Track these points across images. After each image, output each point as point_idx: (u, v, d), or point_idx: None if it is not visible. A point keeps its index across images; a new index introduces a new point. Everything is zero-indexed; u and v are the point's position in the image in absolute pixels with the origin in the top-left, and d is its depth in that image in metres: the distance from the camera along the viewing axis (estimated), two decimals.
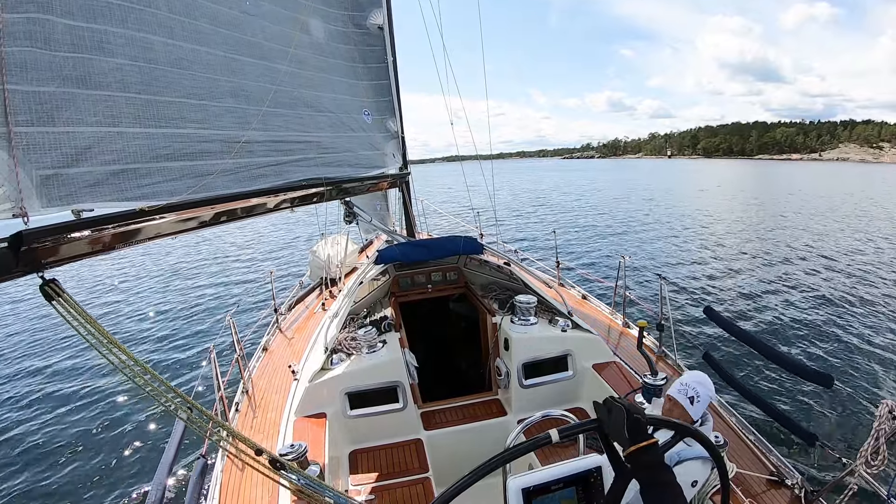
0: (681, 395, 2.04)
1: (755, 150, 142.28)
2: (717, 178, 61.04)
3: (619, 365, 3.78)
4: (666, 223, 23.34)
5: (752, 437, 2.88)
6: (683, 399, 2.03)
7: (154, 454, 5.98)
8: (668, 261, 15.35)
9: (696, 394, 2.01)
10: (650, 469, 1.11)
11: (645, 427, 1.14)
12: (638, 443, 1.11)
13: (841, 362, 7.80)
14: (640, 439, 1.12)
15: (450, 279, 5.01)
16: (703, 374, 2.11)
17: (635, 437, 1.12)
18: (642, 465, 1.12)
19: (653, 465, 1.11)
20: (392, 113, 5.23)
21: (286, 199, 3.36)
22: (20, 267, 1.59)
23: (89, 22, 2.05)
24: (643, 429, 1.14)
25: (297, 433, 3.03)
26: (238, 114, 2.97)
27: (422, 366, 3.98)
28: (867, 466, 2.09)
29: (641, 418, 1.14)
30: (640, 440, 1.12)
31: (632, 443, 1.12)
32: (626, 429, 1.12)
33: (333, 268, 6.31)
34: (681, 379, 2.11)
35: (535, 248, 16.73)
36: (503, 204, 30.90)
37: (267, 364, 4.49)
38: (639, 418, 1.13)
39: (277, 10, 3.57)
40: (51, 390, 7.91)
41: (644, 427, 1.14)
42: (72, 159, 1.94)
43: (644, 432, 1.13)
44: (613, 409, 1.16)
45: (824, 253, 15.81)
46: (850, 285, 12.04)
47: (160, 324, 10.96)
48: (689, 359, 6.47)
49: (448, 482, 1.13)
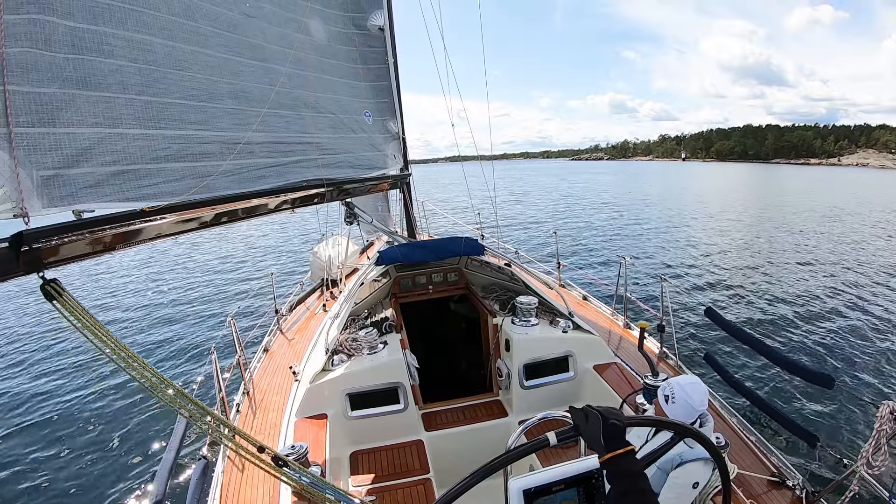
0: (659, 393, 2.03)
1: (770, 154, 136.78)
2: (762, 185, 55.26)
3: (620, 366, 3.77)
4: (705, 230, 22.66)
5: (753, 437, 2.87)
6: (660, 396, 2.02)
7: (155, 453, 5.98)
8: (668, 262, 15.34)
9: (672, 393, 1.97)
10: (626, 477, 1.09)
11: (622, 433, 1.12)
12: (614, 450, 1.09)
13: (842, 363, 7.78)
14: (617, 446, 1.10)
15: (451, 280, 5.01)
16: (694, 379, 2.03)
17: (611, 444, 1.10)
18: (619, 472, 1.10)
19: (629, 472, 1.09)
20: (393, 114, 5.24)
21: (287, 200, 3.36)
22: (21, 267, 1.59)
23: (90, 23, 2.05)
24: (620, 435, 1.11)
25: (298, 434, 3.03)
26: (238, 115, 2.98)
27: (423, 367, 3.97)
28: (868, 467, 2.09)
29: (619, 424, 1.12)
30: (617, 447, 1.10)
31: (608, 450, 1.10)
32: (601, 435, 1.11)
33: (334, 269, 6.31)
34: (669, 379, 2.10)
35: (536, 249, 16.73)
36: (505, 204, 30.63)
37: (268, 365, 4.49)
38: (616, 424, 1.11)
39: (278, 11, 3.57)
40: (51, 389, 7.91)
41: (621, 433, 1.12)
42: (72, 160, 1.94)
43: (621, 439, 1.11)
44: (590, 416, 1.15)
45: (826, 253, 15.80)
46: (850, 286, 12.02)
47: (161, 324, 10.97)
48: (690, 360, 6.46)
49: (449, 483, 1.13)
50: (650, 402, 3.04)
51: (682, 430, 1.31)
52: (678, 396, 1.96)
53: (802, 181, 57.94)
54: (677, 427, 1.32)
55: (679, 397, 1.95)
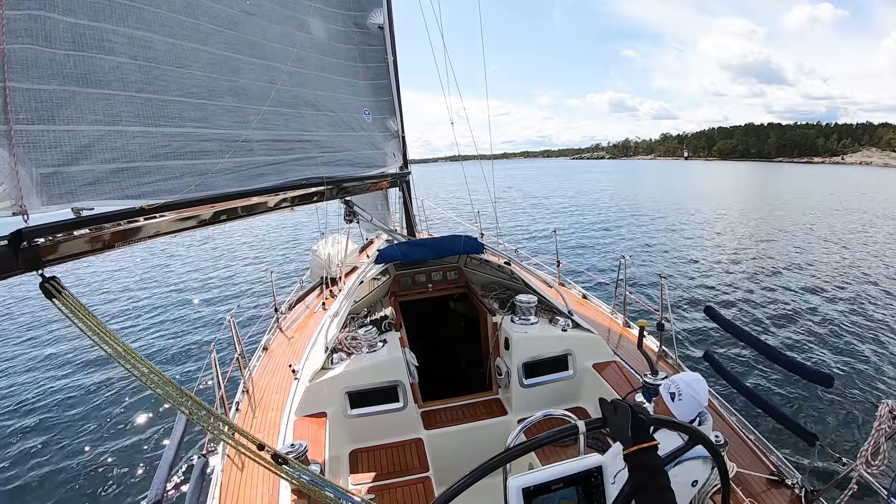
0: (663, 391, 2.02)
1: (773, 153, 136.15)
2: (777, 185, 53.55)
3: (620, 364, 3.78)
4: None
5: (752, 436, 2.88)
6: (665, 394, 2.01)
7: (155, 451, 5.99)
8: (669, 260, 15.35)
9: (679, 391, 1.97)
10: (648, 471, 1.11)
11: (648, 428, 1.15)
12: (640, 443, 1.12)
13: (841, 362, 7.79)
14: (643, 440, 1.13)
15: (450, 278, 5.01)
16: (694, 375, 2.06)
17: (638, 438, 1.13)
18: (641, 465, 1.12)
19: (652, 467, 1.11)
20: (392, 112, 5.23)
21: (286, 198, 3.35)
22: (20, 264, 1.59)
23: (90, 20, 2.04)
24: (646, 430, 1.14)
25: (298, 432, 3.03)
26: (238, 113, 2.97)
27: (422, 365, 3.97)
28: (867, 466, 2.09)
29: (645, 419, 1.15)
30: (643, 441, 1.12)
31: (634, 443, 1.12)
32: (629, 429, 1.13)
33: (334, 267, 6.31)
34: (672, 376, 2.10)
35: (536, 248, 16.74)
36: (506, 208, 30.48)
37: (267, 363, 4.49)
38: (643, 418, 1.14)
39: (278, 9, 3.57)
40: (50, 388, 7.92)
41: (647, 428, 1.15)
42: (72, 157, 1.94)
43: (647, 433, 1.14)
44: (619, 408, 1.18)
45: (826, 253, 15.81)
46: (850, 285, 12.04)
47: (160, 322, 10.96)
48: (689, 359, 6.47)
49: (448, 482, 1.13)
50: (649, 401, 3.04)
51: (682, 430, 1.32)
52: (685, 393, 1.96)
53: (805, 180, 57.68)
54: (678, 426, 1.33)
55: (686, 394, 1.96)
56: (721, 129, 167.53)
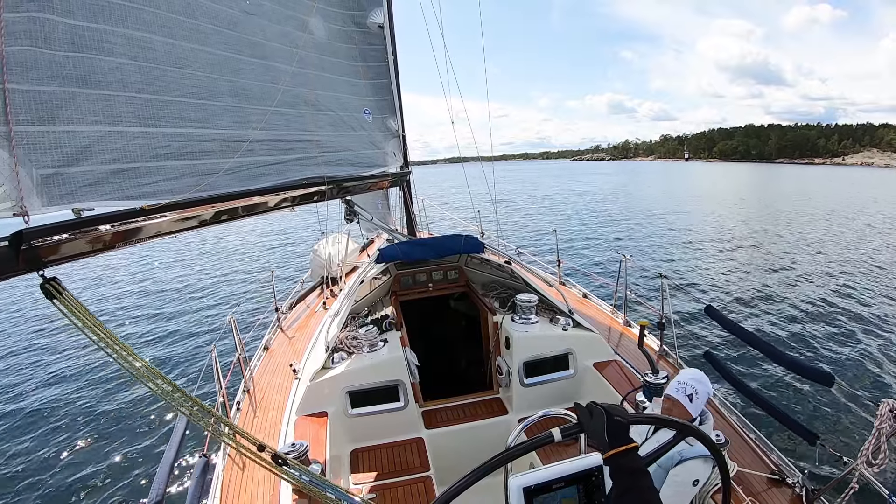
0: (680, 394, 2.04)
1: (774, 154, 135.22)
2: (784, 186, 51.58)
3: (620, 364, 3.78)
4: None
5: (753, 435, 2.87)
6: (682, 397, 2.03)
7: (155, 452, 5.99)
8: (669, 260, 15.34)
9: (695, 391, 2.02)
10: (629, 473, 1.09)
11: (626, 430, 1.12)
12: (617, 447, 1.10)
13: (842, 361, 7.79)
14: (620, 443, 1.10)
15: (451, 278, 5.01)
16: (699, 372, 2.13)
17: (615, 441, 1.10)
18: (622, 469, 1.10)
19: (631, 469, 1.09)
20: (393, 112, 5.22)
21: (287, 198, 3.35)
22: (21, 265, 1.59)
23: (90, 21, 2.04)
24: (624, 432, 1.12)
25: (299, 432, 3.03)
26: (238, 113, 2.97)
27: (423, 364, 3.97)
28: (868, 465, 2.09)
29: (623, 421, 1.12)
30: (620, 444, 1.10)
31: (611, 446, 1.10)
32: (605, 432, 1.11)
33: (334, 267, 6.31)
34: (678, 377, 2.11)
35: (537, 248, 16.73)
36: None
37: (268, 363, 4.50)
38: (620, 421, 1.12)
39: (278, 9, 3.56)
40: (51, 388, 7.93)
41: (625, 430, 1.12)
42: (72, 158, 1.94)
43: (625, 436, 1.11)
44: (594, 412, 1.15)
45: (827, 252, 15.79)
46: (850, 285, 12.02)
47: (161, 323, 10.98)
48: (690, 358, 6.47)
49: (449, 481, 1.13)
50: (650, 400, 3.04)
51: (683, 428, 1.31)
52: (700, 391, 2.03)
53: (806, 181, 57.52)
54: (678, 425, 1.32)
55: (701, 392, 2.03)
56: (721, 131, 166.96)
